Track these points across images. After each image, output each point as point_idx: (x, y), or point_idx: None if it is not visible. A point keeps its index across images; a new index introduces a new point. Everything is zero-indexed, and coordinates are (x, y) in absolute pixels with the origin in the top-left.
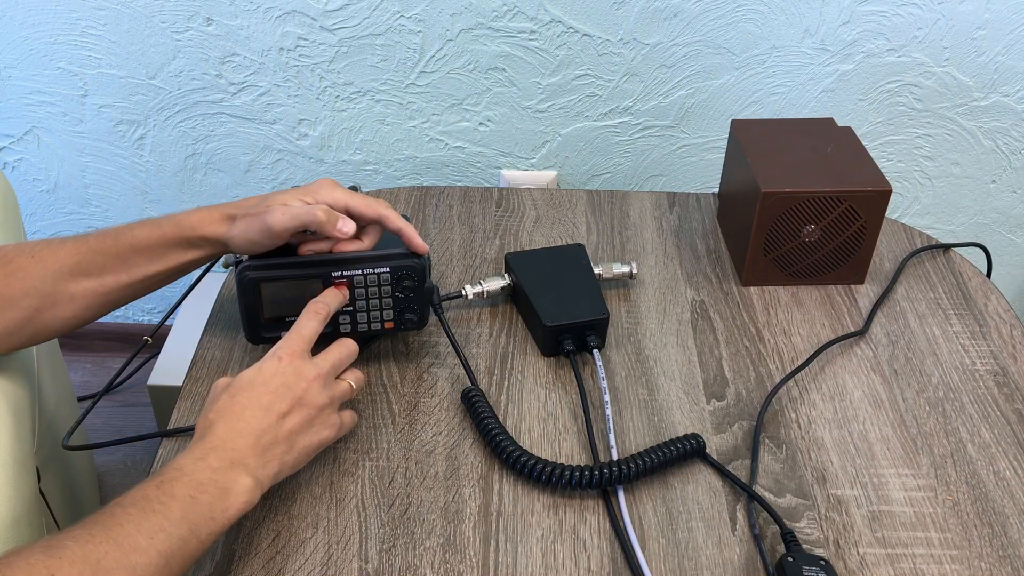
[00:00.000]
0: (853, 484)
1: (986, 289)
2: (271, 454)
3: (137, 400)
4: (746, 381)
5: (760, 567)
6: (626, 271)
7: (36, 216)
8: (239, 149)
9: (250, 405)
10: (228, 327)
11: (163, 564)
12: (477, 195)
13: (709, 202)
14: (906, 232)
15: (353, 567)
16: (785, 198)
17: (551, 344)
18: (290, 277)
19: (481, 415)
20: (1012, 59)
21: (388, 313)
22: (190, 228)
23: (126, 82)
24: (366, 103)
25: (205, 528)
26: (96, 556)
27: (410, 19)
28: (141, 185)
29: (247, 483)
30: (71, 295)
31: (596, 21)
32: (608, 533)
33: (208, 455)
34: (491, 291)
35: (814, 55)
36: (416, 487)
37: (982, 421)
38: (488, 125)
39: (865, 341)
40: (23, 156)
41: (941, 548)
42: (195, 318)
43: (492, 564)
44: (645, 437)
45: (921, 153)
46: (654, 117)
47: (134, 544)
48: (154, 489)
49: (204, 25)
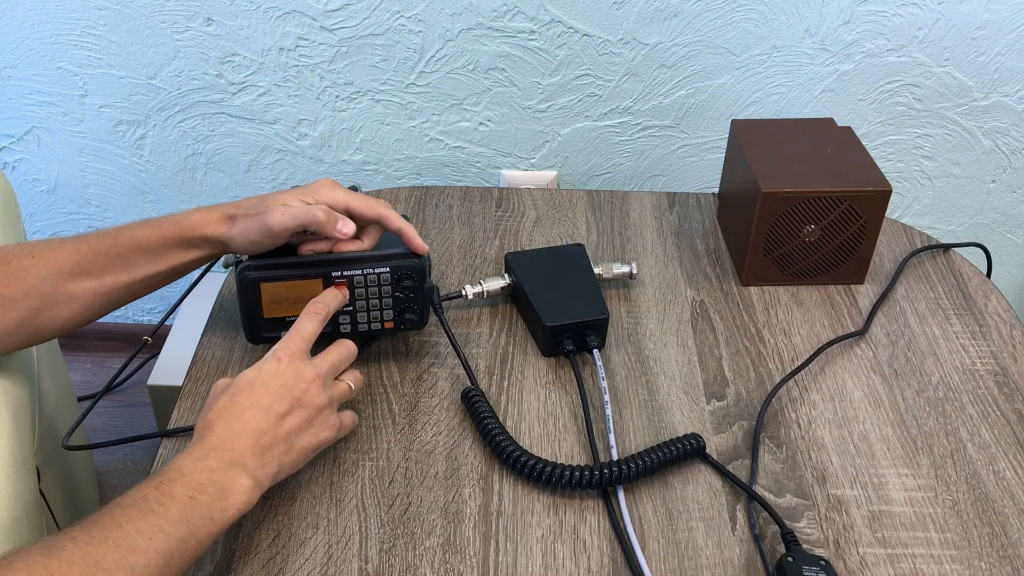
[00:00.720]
0: (853, 484)
1: (986, 289)
2: (270, 455)
3: (137, 400)
4: (746, 381)
5: (760, 567)
6: (626, 271)
7: (36, 216)
8: (239, 149)
9: (249, 406)
10: (228, 327)
11: (162, 564)
12: (477, 195)
13: (709, 202)
14: (906, 232)
15: (353, 567)
16: (785, 198)
17: (551, 344)
18: (290, 277)
19: (481, 415)
20: (1012, 59)
21: (388, 313)
22: (190, 228)
23: (126, 82)
24: (366, 103)
25: (204, 529)
26: (95, 557)
27: (410, 19)
28: (141, 185)
29: (246, 483)
30: (71, 295)
31: (596, 21)
32: (608, 533)
33: (207, 455)
34: (491, 291)
35: (814, 55)
36: (416, 487)
37: (982, 421)
38: (488, 125)
39: (865, 341)
40: (23, 156)
41: (941, 548)
42: (195, 318)
43: (492, 564)
44: (645, 437)
45: (921, 153)
46: (654, 117)
47: (133, 545)
48: (153, 490)
49: (204, 25)
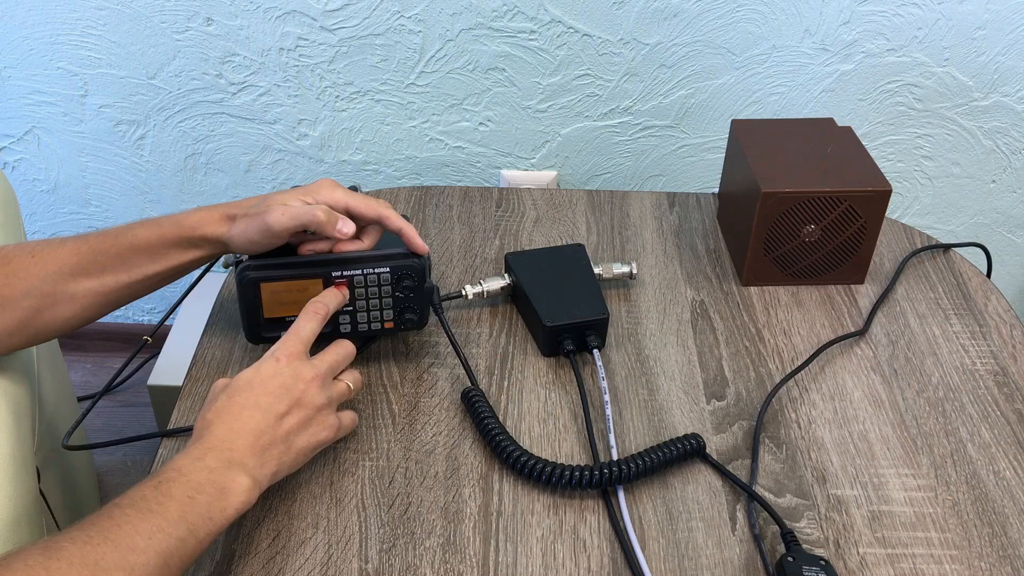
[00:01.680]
0: (853, 484)
1: (986, 289)
2: (269, 454)
3: (137, 400)
4: (746, 381)
5: (760, 567)
6: (626, 271)
7: (36, 216)
8: (239, 149)
9: (248, 405)
10: (228, 327)
11: (161, 564)
12: (477, 195)
13: (709, 202)
14: (906, 232)
15: (353, 567)
16: (785, 198)
17: (551, 344)
18: (290, 277)
19: (481, 415)
20: (1012, 59)
21: (388, 313)
22: (190, 228)
23: (126, 82)
24: (366, 103)
25: (203, 528)
26: (94, 557)
27: (410, 19)
28: (141, 185)
29: (245, 483)
30: (71, 295)
31: (596, 21)
32: (608, 533)
33: (206, 455)
34: (491, 291)
35: (814, 55)
36: (416, 487)
37: (982, 421)
38: (488, 125)
39: (865, 341)
40: (23, 156)
41: (941, 548)
42: (195, 318)
43: (492, 564)
44: (645, 437)
45: (921, 153)
46: (654, 117)
47: (132, 545)
48: (152, 490)
49: (204, 25)
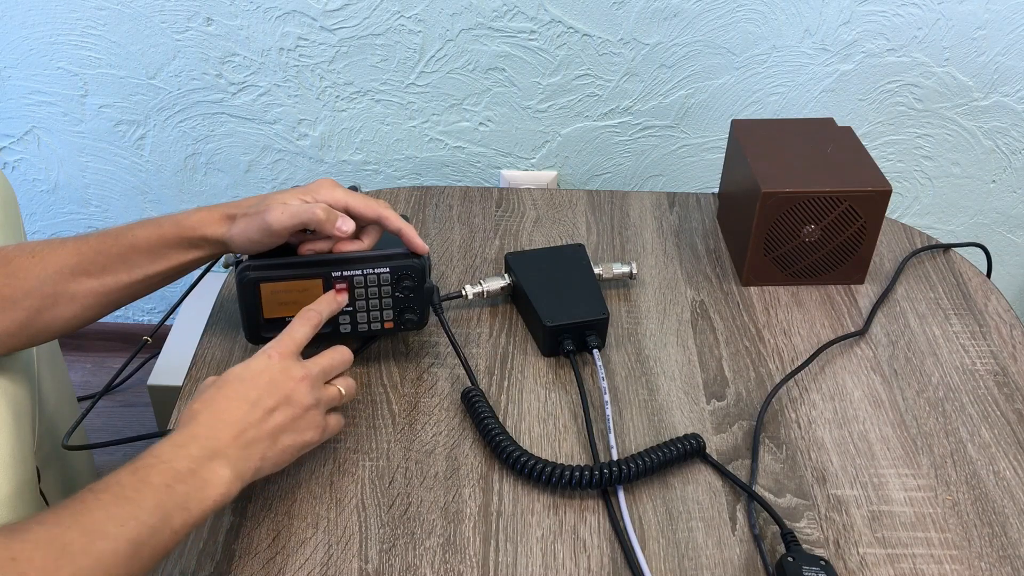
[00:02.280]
0: (853, 484)
1: (986, 289)
2: (253, 449)
3: (137, 400)
4: (746, 381)
5: (760, 567)
6: (626, 271)
7: (36, 216)
8: (239, 149)
9: (236, 398)
10: (228, 327)
11: (131, 553)
12: (477, 195)
13: (709, 202)
14: (906, 232)
15: (353, 567)
16: (785, 198)
17: (551, 344)
18: (290, 277)
19: (481, 415)
20: (1012, 59)
21: (388, 313)
22: (190, 228)
23: (126, 82)
24: (366, 103)
25: (179, 518)
26: (62, 541)
27: (410, 19)
28: (141, 185)
29: (226, 475)
30: (72, 295)
31: (596, 21)
32: (608, 533)
33: (189, 443)
34: (491, 291)
35: (814, 55)
36: (416, 487)
37: (982, 421)
38: (488, 125)
39: (865, 341)
40: (23, 156)
41: (941, 548)
42: (195, 318)
43: (492, 564)
44: (645, 437)
45: (921, 153)
46: (654, 117)
47: (103, 531)
48: (129, 475)
49: (204, 25)
